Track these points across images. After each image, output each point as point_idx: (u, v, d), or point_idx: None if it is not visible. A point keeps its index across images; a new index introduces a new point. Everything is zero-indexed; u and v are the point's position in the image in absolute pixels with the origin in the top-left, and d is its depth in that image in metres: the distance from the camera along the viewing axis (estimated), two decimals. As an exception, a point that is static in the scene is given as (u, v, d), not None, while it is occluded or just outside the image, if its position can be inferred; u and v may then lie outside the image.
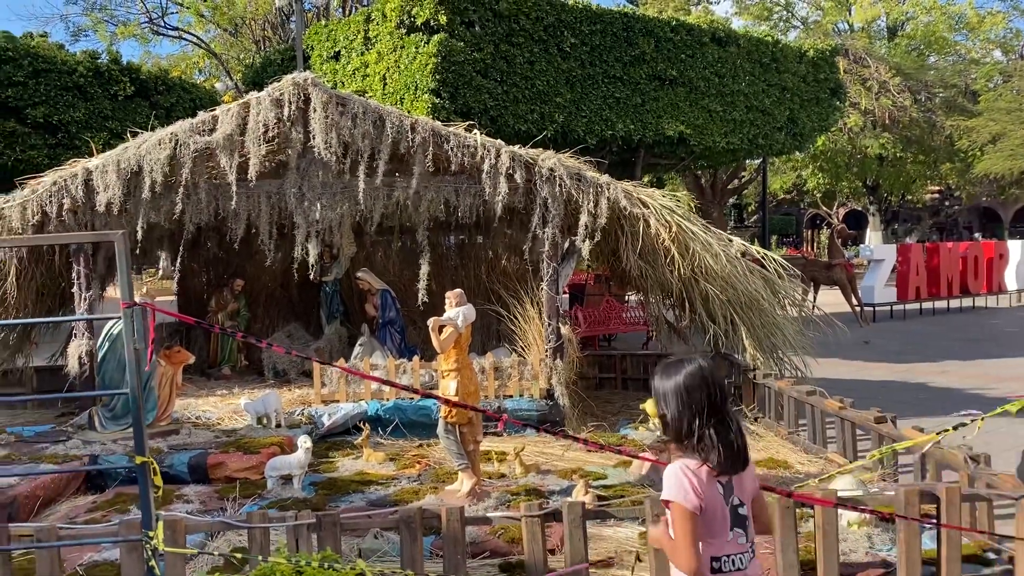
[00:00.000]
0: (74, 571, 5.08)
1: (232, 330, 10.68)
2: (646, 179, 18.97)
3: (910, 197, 44.18)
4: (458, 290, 6.58)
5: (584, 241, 8.28)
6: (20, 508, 6.07)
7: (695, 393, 2.65)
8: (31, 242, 6.10)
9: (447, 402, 5.78)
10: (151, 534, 2.63)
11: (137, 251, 9.03)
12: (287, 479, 6.77)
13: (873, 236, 38.65)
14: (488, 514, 5.31)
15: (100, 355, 8.13)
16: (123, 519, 5.39)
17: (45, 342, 11.23)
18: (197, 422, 8.56)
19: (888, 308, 20.10)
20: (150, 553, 2.63)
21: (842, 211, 47.38)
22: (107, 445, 7.57)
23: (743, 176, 33.76)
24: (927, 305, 20.81)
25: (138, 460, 2.60)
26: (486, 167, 8.32)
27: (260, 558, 4.18)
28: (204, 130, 8.27)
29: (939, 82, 35.07)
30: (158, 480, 2.62)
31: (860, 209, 45.70)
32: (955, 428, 3.51)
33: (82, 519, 6.09)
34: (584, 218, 8.24)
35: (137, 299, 7.86)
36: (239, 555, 3.83)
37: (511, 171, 8.30)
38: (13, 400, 9.36)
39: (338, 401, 8.92)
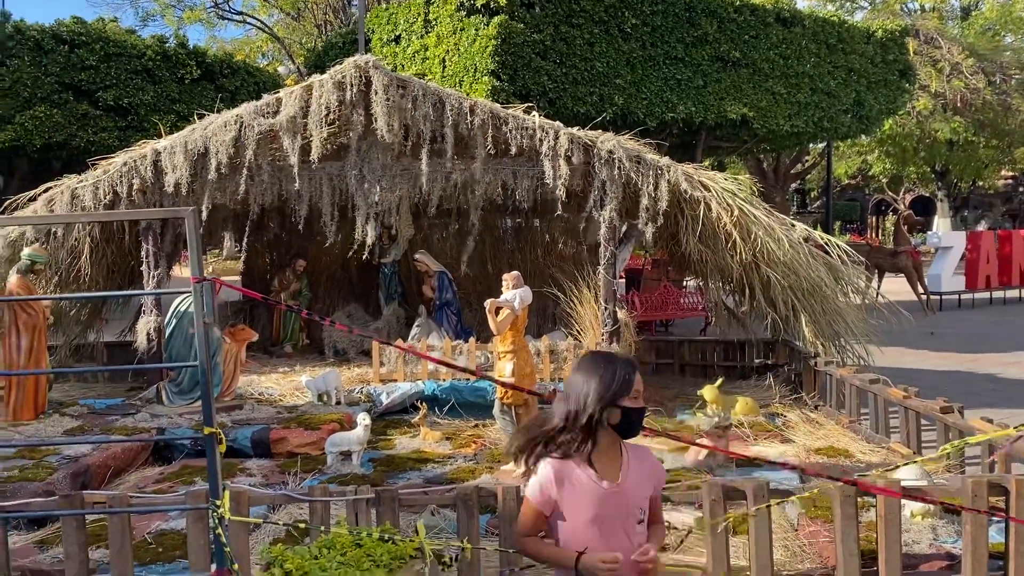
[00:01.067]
0: (143, 538, 5.26)
1: (292, 308, 10.88)
2: (707, 163, 18.65)
3: (981, 183, 42.66)
4: (515, 272, 6.60)
5: (646, 224, 8.20)
6: (92, 477, 6.30)
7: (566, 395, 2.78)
8: (105, 217, 6.30)
9: (503, 384, 5.82)
10: (218, 503, 2.70)
11: (201, 231, 9.25)
12: (346, 455, 6.89)
13: (941, 223, 37.48)
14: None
15: (168, 331, 8.36)
16: (190, 490, 5.56)
17: (115, 319, 11.61)
18: (260, 398, 8.77)
19: (956, 297, 19.52)
20: (216, 521, 2.71)
21: (909, 197, 46.03)
22: (174, 419, 7.81)
23: (806, 160, 33.04)
24: (997, 295, 20.15)
25: (206, 431, 2.67)
26: (544, 149, 8.30)
27: (322, 529, 4.28)
28: (268, 112, 8.42)
29: (1015, 63, 33.68)
30: (223, 448, 2.69)
31: (928, 195, 44.34)
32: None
33: (150, 489, 6.29)
34: (645, 201, 8.17)
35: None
36: (302, 525, 3.92)
37: (569, 153, 8.26)
38: (85, 371, 9.71)
39: (396, 380, 9.04)
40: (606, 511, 2.63)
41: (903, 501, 5.02)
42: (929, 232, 23.67)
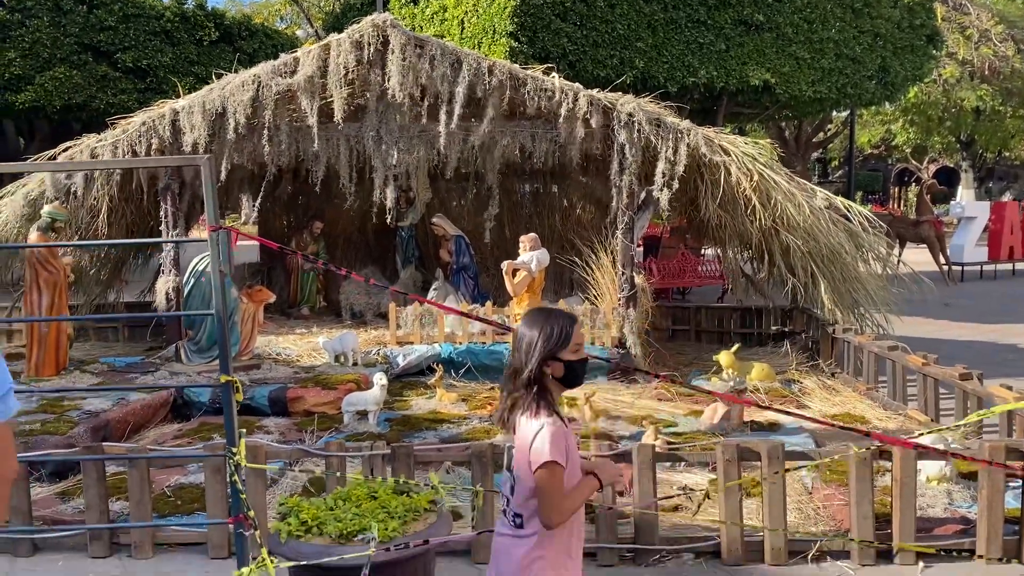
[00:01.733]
0: (162, 492, 5.34)
1: (312, 264, 10.91)
2: (728, 129, 18.43)
3: (1007, 153, 41.95)
4: (532, 234, 6.58)
5: (662, 190, 8.12)
6: (112, 432, 6.38)
7: (514, 349, 2.69)
8: (121, 165, 6.33)
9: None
10: (234, 450, 2.73)
11: (219, 186, 9.27)
12: (363, 415, 6.94)
13: (965, 194, 36.92)
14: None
15: (186, 291, 8.42)
16: (208, 443, 5.63)
17: (135, 280, 11.69)
18: (277, 358, 8.83)
19: (978, 268, 19.29)
20: (232, 468, 2.73)
21: (932, 167, 45.36)
22: (193, 377, 7.88)
23: (829, 129, 32.55)
24: (1020, 266, 19.89)
25: (222, 379, 2.69)
26: (563, 111, 8.21)
27: (338, 486, 4.33)
28: (286, 72, 8.38)
29: (1046, 31, 32.93)
30: (239, 396, 2.71)
31: (952, 166, 43.69)
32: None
33: (169, 445, 6.37)
34: (662, 165, 8.07)
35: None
36: (317, 472, 3.96)
37: (588, 115, 8.18)
38: (104, 318, 9.78)
39: (412, 343, 9.07)
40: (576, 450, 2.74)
41: (918, 467, 5.02)
42: (952, 202, 23.28)
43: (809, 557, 4.53)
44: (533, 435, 2.55)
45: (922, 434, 3.71)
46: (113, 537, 4.80)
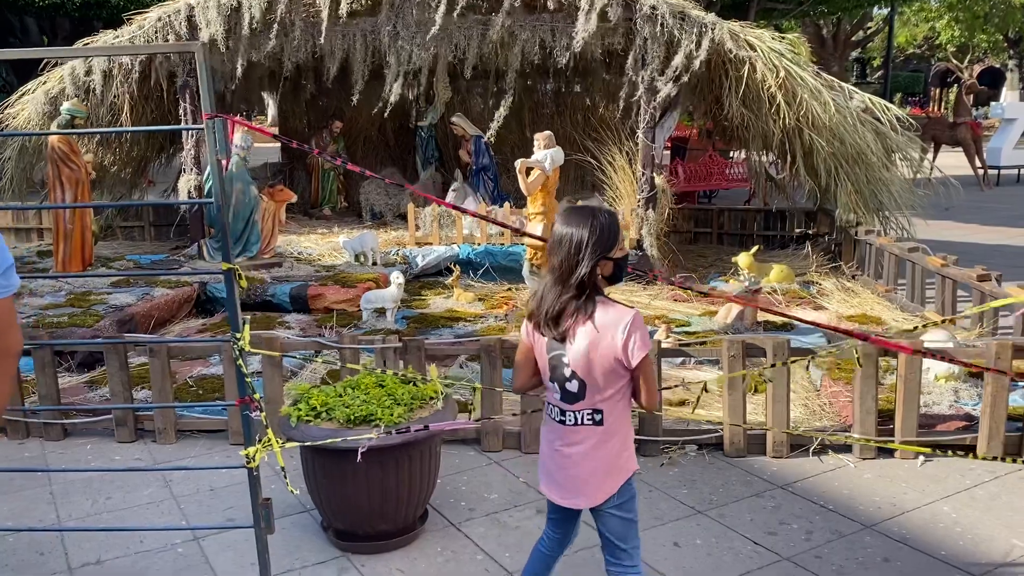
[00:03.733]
0: (185, 382, 5.53)
1: (331, 164, 10.91)
2: (762, 25, 17.79)
3: (1057, 53, 40.13)
4: (547, 132, 6.50)
5: (669, 83, 7.90)
6: (137, 325, 6.57)
7: (558, 250, 2.54)
8: (115, 52, 6.29)
9: (536, 237, 5.80)
10: (239, 336, 2.80)
11: (235, 87, 9.22)
12: (381, 312, 7.06)
13: (1010, 96, 35.55)
14: (567, 349, 5.41)
15: (206, 189, 8.48)
16: (217, 339, 5.76)
17: (160, 180, 11.80)
18: (299, 257, 8.95)
19: (1016, 171, 18.77)
20: (238, 353, 2.82)
21: (977, 68, 43.61)
22: (215, 273, 8.01)
23: (869, 27, 31.30)
24: (1061, 170, 19.33)
25: (224, 266, 2.74)
26: (584, 4, 7.97)
27: (350, 366, 4.45)
28: (299, -37, 8.19)
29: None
30: (243, 283, 2.77)
31: (998, 66, 41.95)
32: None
33: (192, 338, 6.56)
34: (678, 58, 7.85)
35: (238, 138, 8.06)
36: (319, 360, 4.08)
37: (608, 7, 7.93)
38: (125, 205, 9.93)
39: (431, 244, 9.12)
40: None
41: (927, 364, 5.03)
42: (994, 103, 22.47)
43: (811, 450, 4.61)
44: (625, 325, 2.49)
45: (925, 326, 3.71)
46: (138, 424, 5.00)
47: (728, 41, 7.99)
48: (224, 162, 2.70)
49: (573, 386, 2.57)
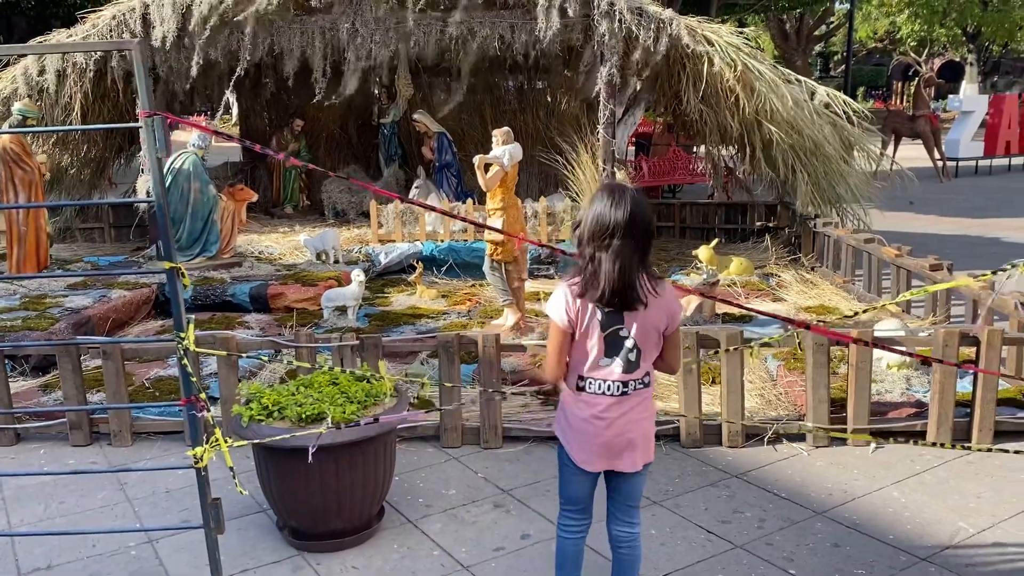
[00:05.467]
0: (141, 384, 5.47)
1: (290, 165, 10.83)
2: (728, 21, 17.92)
3: (1013, 46, 40.94)
4: (505, 128, 6.48)
5: (633, 76, 7.96)
6: (94, 328, 6.48)
7: (606, 223, 2.60)
8: (53, 50, 6.19)
9: (499, 232, 5.80)
10: (182, 335, 2.78)
11: (189, 87, 9.11)
12: (342, 310, 7.03)
13: (968, 89, 36.18)
14: (523, 341, 5.44)
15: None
16: (160, 338, 5.68)
17: (121, 181, 11.64)
18: (259, 256, 8.88)
19: (973, 163, 19.10)
20: (182, 353, 2.80)
21: (937, 62, 44.30)
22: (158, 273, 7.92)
23: (831, 22, 31.72)
24: (1017, 161, 19.68)
25: (166, 266, 2.72)
26: (542, 0, 7.99)
27: (303, 376, 4.43)
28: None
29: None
30: (186, 281, 2.75)
31: (957, 60, 42.65)
32: (1012, 266, 3.38)
33: (151, 340, 6.49)
34: (637, 53, 7.90)
35: (196, 137, 7.95)
36: (269, 361, 4.05)
37: (566, 4, 7.95)
38: (73, 205, 9.77)
39: (394, 241, 9.10)
40: None
41: (880, 353, 5.12)
42: (951, 96, 22.84)
43: (765, 440, 4.68)
44: (672, 294, 2.74)
45: (864, 311, 3.78)
46: (93, 427, 4.94)
47: (685, 36, 8.06)
48: (162, 159, 2.67)
49: (634, 355, 2.72)
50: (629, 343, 2.69)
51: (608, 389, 2.72)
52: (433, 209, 3.71)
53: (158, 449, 4.84)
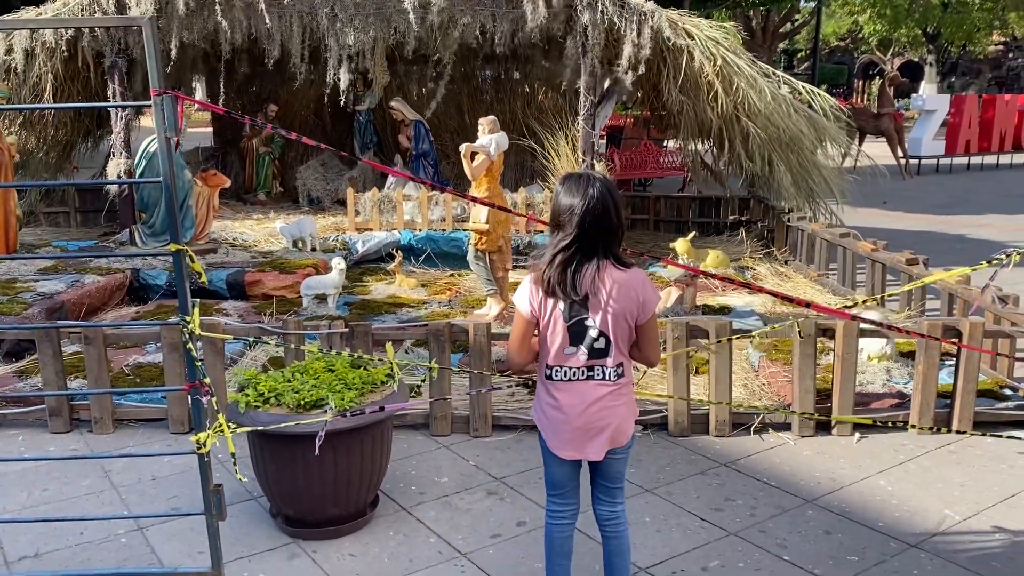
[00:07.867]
0: (121, 370, 5.36)
1: (266, 152, 10.68)
2: (696, 15, 18.01)
3: (971, 47, 41.83)
4: (491, 116, 6.46)
5: (626, 72, 7.99)
6: (68, 314, 6.34)
7: (565, 210, 2.63)
8: (55, 24, 6.03)
9: (488, 210, 5.78)
10: (188, 319, 2.74)
11: (169, 70, 8.94)
12: (322, 298, 6.96)
13: (928, 88, 36.89)
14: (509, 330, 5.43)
15: (138, 172, 8.22)
16: (165, 323, 5.61)
17: (86, 166, 11.36)
18: (234, 243, 8.75)
19: (935, 161, 19.50)
20: (187, 336, 2.75)
21: (898, 62, 45.09)
22: (148, 260, 7.79)
23: (796, 19, 32.07)
24: (976, 160, 20.14)
25: (174, 248, 2.67)
26: (524, -10, 7.96)
27: (298, 362, 4.38)
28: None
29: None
30: (197, 266, 2.70)
31: (917, 60, 43.46)
32: (989, 262, 3.46)
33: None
34: (628, 48, 7.92)
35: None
36: (270, 343, 4.01)
37: (549, -7, 7.94)
38: (50, 185, 9.55)
39: (372, 229, 9.03)
40: None
41: (860, 346, 5.21)
42: (913, 95, 23.27)
43: (752, 429, 4.74)
44: (641, 283, 2.69)
45: (854, 305, 3.84)
46: (73, 414, 4.84)
47: (667, 29, 8.09)
48: (175, 140, 2.61)
49: (601, 343, 2.71)
50: (594, 332, 2.69)
51: (574, 375, 2.74)
52: (464, 196, 3.68)
53: (141, 436, 4.75)
